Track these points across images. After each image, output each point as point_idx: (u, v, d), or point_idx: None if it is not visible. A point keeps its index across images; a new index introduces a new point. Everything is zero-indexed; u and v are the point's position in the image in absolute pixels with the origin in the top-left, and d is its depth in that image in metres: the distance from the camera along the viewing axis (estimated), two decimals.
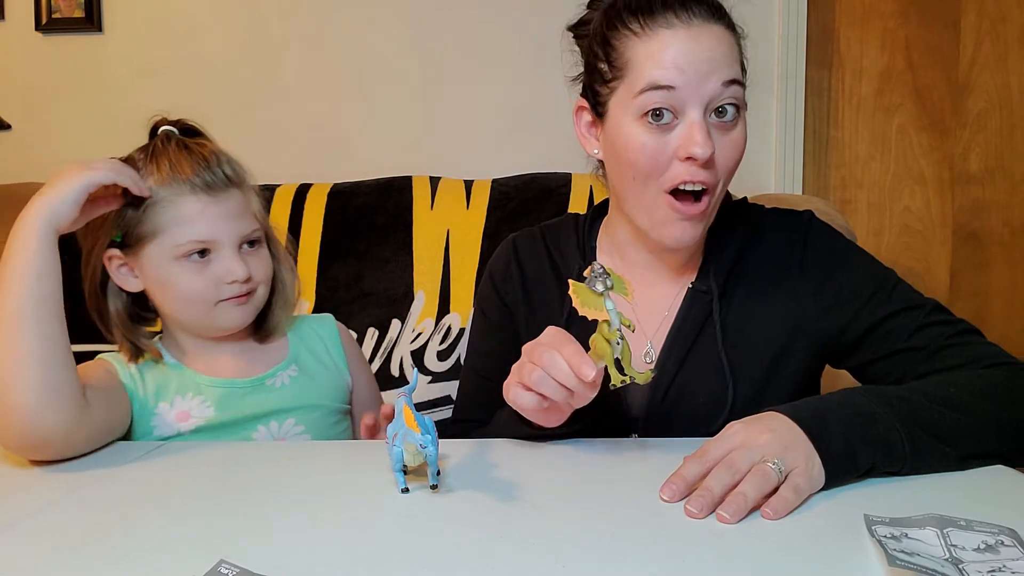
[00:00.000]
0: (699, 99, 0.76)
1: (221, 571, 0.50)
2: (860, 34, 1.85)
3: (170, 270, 0.87)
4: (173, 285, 0.88)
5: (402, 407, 0.65)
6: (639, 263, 0.90)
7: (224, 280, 0.87)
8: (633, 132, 0.79)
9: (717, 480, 0.61)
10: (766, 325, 0.85)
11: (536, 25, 1.74)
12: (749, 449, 0.62)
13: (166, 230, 0.86)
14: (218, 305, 0.88)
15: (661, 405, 0.85)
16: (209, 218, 0.87)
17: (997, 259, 1.87)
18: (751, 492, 0.59)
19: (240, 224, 0.89)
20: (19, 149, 1.85)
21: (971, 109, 1.85)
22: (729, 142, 0.79)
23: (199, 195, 0.86)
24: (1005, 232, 1.87)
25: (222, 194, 0.88)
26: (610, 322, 0.67)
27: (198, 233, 0.86)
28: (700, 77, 0.76)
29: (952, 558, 0.49)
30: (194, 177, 0.86)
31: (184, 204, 0.86)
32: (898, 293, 0.83)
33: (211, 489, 0.68)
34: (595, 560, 0.52)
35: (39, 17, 1.81)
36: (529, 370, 0.68)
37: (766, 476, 0.60)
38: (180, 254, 0.86)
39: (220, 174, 0.88)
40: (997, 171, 1.85)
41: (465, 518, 0.60)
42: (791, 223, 0.89)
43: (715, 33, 0.78)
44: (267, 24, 1.81)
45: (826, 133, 1.87)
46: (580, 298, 0.67)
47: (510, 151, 1.78)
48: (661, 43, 0.77)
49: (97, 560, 0.54)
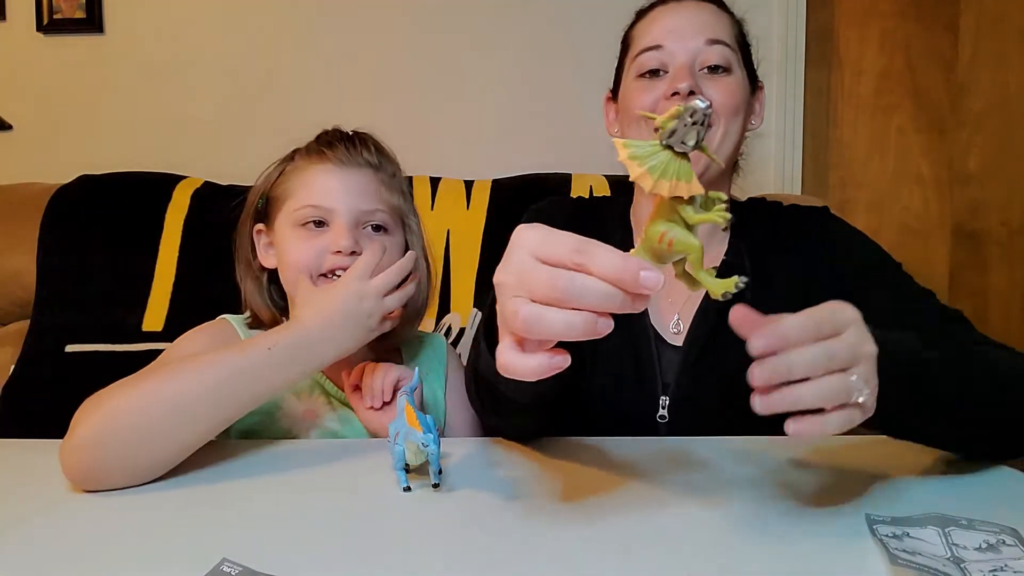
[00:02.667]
0: (685, 53, 0.88)
1: (223, 569, 0.50)
2: (859, 34, 1.85)
3: (287, 236, 0.88)
4: (286, 252, 0.88)
5: (404, 406, 0.66)
6: None
7: (329, 249, 0.85)
8: (631, 87, 0.91)
9: (808, 361, 0.50)
10: (789, 298, 0.87)
11: (536, 25, 1.74)
12: (852, 349, 0.52)
13: (293, 194, 0.89)
14: (320, 279, 0.86)
15: (693, 368, 0.88)
16: (329, 185, 0.87)
17: (996, 259, 1.87)
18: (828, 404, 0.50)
19: (361, 200, 0.88)
20: (19, 149, 1.85)
21: (970, 109, 1.85)
22: (721, 87, 0.88)
23: (326, 165, 0.88)
24: (1004, 232, 1.87)
25: (352, 169, 0.89)
26: (695, 198, 0.45)
27: (315, 197, 0.87)
28: (685, 36, 0.88)
29: (954, 557, 0.49)
30: (329, 152, 0.89)
31: (312, 171, 0.89)
32: (901, 277, 0.90)
33: (214, 487, 0.68)
34: (597, 559, 0.52)
35: (40, 18, 1.81)
36: (551, 277, 0.44)
37: (845, 392, 0.51)
38: (299, 220, 0.87)
39: (358, 152, 0.90)
40: (996, 171, 1.85)
41: (467, 517, 0.60)
42: (808, 216, 0.98)
43: (703, 7, 0.91)
44: (267, 24, 1.81)
45: (825, 133, 1.88)
46: (649, 166, 0.44)
47: (510, 151, 1.77)
48: (655, 16, 0.92)
49: (100, 558, 0.54)
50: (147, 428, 0.68)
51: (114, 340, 1.36)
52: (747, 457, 0.74)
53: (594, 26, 1.68)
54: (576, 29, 1.73)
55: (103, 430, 0.67)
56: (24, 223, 1.47)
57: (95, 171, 1.54)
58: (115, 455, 0.67)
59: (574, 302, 0.44)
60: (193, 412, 0.70)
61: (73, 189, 1.51)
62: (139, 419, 0.68)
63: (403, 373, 0.86)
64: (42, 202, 1.48)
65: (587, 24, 1.71)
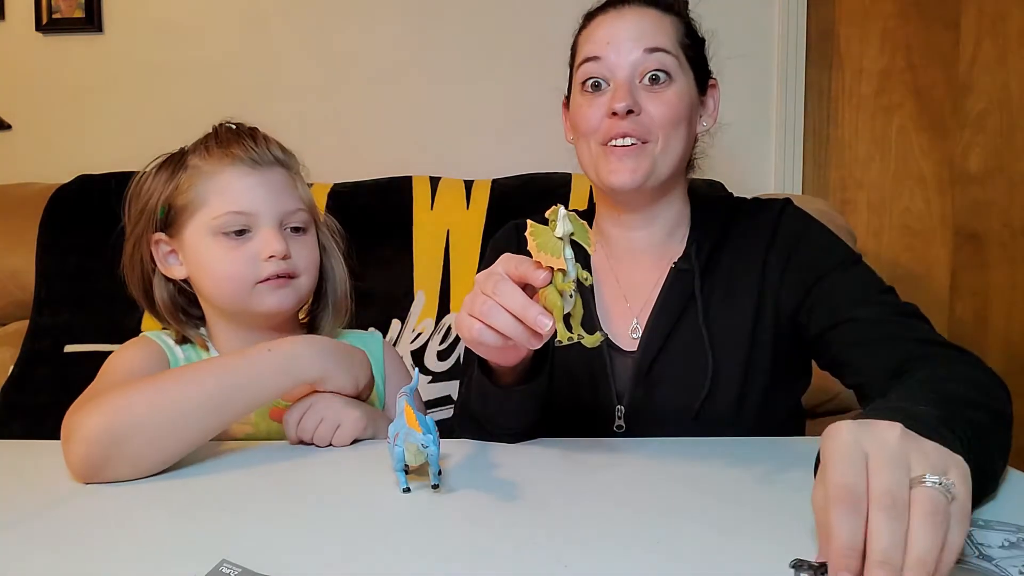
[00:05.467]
0: (626, 66, 0.87)
1: (223, 571, 0.49)
2: (860, 34, 1.85)
3: (208, 246, 0.84)
4: (210, 264, 0.84)
5: (403, 407, 0.65)
6: (622, 245, 0.97)
7: (261, 256, 0.84)
8: (578, 101, 0.91)
9: (887, 538, 0.41)
10: (742, 300, 0.90)
11: (535, 25, 1.74)
12: (894, 467, 0.44)
13: (206, 202, 0.84)
14: (256, 287, 0.84)
15: (647, 377, 0.88)
16: (248, 189, 0.84)
17: (997, 259, 1.87)
18: (933, 545, 0.41)
19: (282, 200, 0.86)
20: (19, 149, 1.85)
21: (971, 109, 1.84)
22: (660, 101, 0.87)
23: (240, 167, 0.84)
24: (1005, 232, 1.86)
25: (265, 169, 0.86)
26: (566, 271, 0.61)
27: (236, 203, 0.83)
28: (623, 46, 0.87)
29: (982, 555, 0.49)
30: (239, 151, 0.85)
31: (224, 174, 0.84)
32: (857, 270, 0.86)
33: (213, 489, 0.68)
34: (597, 559, 0.52)
35: (39, 17, 1.81)
36: (481, 301, 0.64)
37: (937, 507, 0.42)
38: (218, 228, 0.83)
39: (266, 151, 0.86)
40: (997, 171, 1.85)
41: (466, 518, 0.60)
42: (767, 207, 0.95)
43: (643, 13, 0.89)
44: (267, 24, 1.81)
45: (826, 133, 1.87)
46: (538, 241, 0.61)
47: (510, 151, 1.77)
48: (596, 26, 0.91)
49: (99, 560, 0.54)
50: (156, 424, 0.70)
51: (113, 340, 1.36)
52: (758, 456, 0.73)
53: None
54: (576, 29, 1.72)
55: (115, 423, 0.69)
56: (23, 223, 1.47)
57: (94, 171, 1.54)
58: (124, 448, 0.69)
59: (491, 324, 0.63)
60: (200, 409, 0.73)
61: (72, 189, 1.51)
62: (149, 413, 0.70)
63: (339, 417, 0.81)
64: (41, 202, 1.48)
65: None
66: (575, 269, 0.61)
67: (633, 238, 0.96)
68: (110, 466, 0.69)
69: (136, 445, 0.69)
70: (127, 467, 0.70)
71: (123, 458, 0.69)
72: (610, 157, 0.88)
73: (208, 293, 0.87)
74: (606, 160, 0.88)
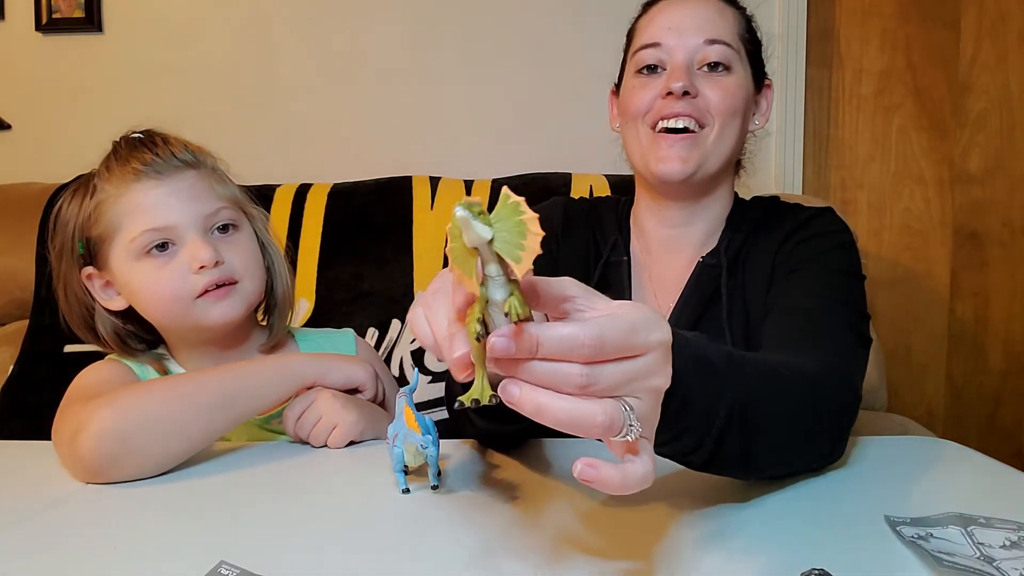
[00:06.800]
0: (684, 52, 0.86)
1: (221, 572, 0.49)
2: (860, 34, 1.85)
3: (135, 271, 0.80)
4: (142, 289, 0.80)
5: (403, 407, 0.65)
6: (656, 239, 0.95)
7: (191, 268, 0.79)
8: (631, 83, 0.90)
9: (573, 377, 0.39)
10: (759, 299, 0.88)
11: (536, 25, 1.74)
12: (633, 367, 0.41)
13: (120, 226, 0.79)
14: (196, 302, 0.80)
15: None
16: (159, 201, 0.79)
17: (997, 259, 1.87)
18: None
19: (198, 205, 0.81)
20: (19, 149, 1.84)
21: (971, 109, 1.84)
22: (719, 86, 0.85)
23: (145, 181, 0.80)
24: (1005, 232, 1.86)
25: (172, 176, 0.81)
26: (484, 297, 0.38)
27: (150, 220, 0.79)
28: (684, 34, 0.86)
29: (984, 557, 0.49)
30: (138, 165, 0.80)
31: (131, 193, 0.80)
32: (837, 278, 0.80)
33: (212, 490, 0.68)
34: (598, 559, 0.52)
35: (39, 17, 1.81)
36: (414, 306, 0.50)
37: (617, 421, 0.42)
38: (139, 250, 0.79)
39: (169, 157, 0.82)
40: (997, 171, 1.85)
41: (466, 518, 0.60)
42: (804, 211, 0.91)
43: (706, 4, 0.88)
44: (267, 24, 1.81)
45: (826, 133, 1.87)
46: (453, 246, 0.39)
47: (510, 151, 1.77)
48: (657, 12, 0.90)
49: (99, 560, 0.54)
50: (165, 422, 0.72)
51: None
52: None
53: (594, 26, 1.67)
54: (576, 29, 1.73)
55: (125, 419, 0.70)
56: (23, 223, 1.47)
57: None
58: (132, 445, 0.70)
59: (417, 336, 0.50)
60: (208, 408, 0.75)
61: None
62: (158, 412, 0.72)
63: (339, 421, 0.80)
64: (40, 202, 1.48)
65: (587, 24, 1.71)
66: (504, 291, 0.38)
67: (671, 236, 0.93)
68: (116, 464, 0.69)
69: (144, 442, 0.70)
70: (133, 466, 0.70)
71: (130, 455, 0.70)
72: (660, 144, 0.86)
73: (151, 317, 0.84)
74: (655, 147, 0.86)
